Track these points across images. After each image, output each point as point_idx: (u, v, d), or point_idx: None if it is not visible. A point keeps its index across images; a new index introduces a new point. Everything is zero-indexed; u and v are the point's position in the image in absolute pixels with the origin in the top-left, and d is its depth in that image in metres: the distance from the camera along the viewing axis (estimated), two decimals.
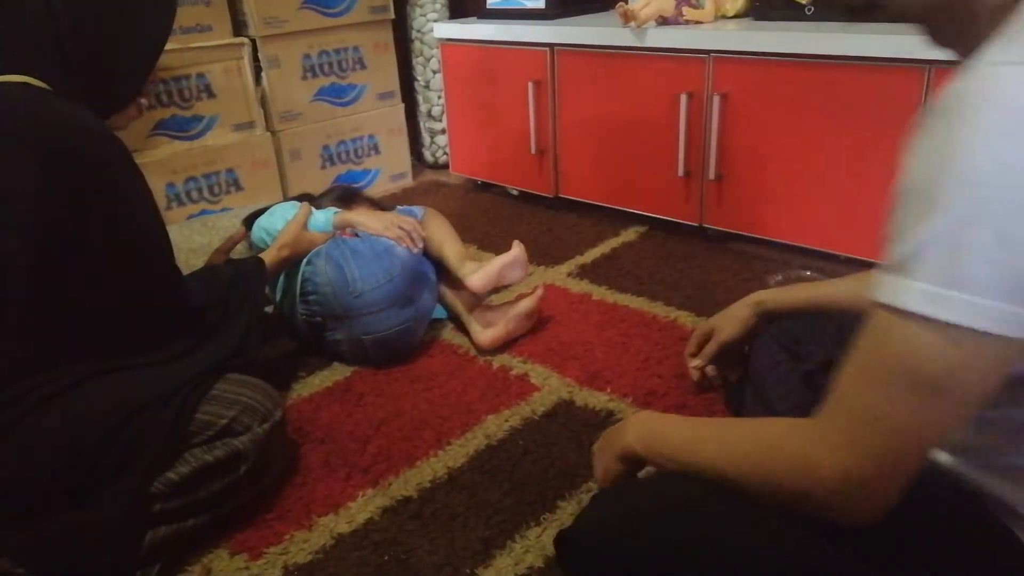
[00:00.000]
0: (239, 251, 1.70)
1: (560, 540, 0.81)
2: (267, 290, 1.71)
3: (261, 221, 1.65)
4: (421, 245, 1.59)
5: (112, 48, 1.11)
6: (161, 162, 2.13)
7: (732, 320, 1.26)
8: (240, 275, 1.37)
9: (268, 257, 1.45)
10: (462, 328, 1.67)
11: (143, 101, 1.24)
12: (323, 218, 1.61)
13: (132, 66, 1.16)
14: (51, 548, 1.01)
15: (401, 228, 1.58)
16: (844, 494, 0.59)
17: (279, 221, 1.59)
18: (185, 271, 1.88)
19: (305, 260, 1.53)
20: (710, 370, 1.32)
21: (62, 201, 1.01)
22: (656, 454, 0.78)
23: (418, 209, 1.75)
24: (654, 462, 0.79)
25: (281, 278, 1.59)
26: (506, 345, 1.61)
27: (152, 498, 1.05)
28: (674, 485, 0.75)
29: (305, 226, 1.55)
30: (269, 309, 1.68)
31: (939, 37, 0.65)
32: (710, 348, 1.30)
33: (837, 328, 1.13)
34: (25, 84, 1.05)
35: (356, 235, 1.58)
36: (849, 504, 0.59)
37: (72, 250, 1.03)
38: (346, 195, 1.83)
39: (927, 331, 0.54)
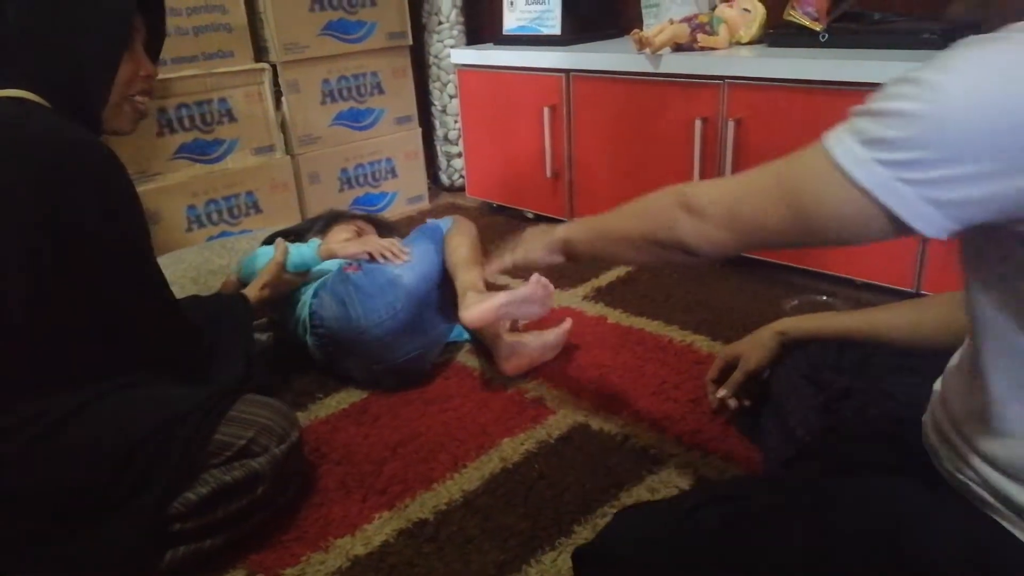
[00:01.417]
0: None
1: (578, 556, 0.82)
2: (275, 317, 1.72)
3: (246, 263, 1.69)
4: (406, 258, 1.60)
5: (72, 39, 1.10)
6: (182, 184, 2.16)
7: (758, 349, 1.26)
8: (225, 307, 1.39)
9: (251, 295, 1.49)
10: (482, 350, 1.68)
11: (139, 99, 1.21)
12: (309, 251, 1.61)
13: (97, 55, 1.13)
14: (70, 566, 1.02)
15: (380, 246, 1.60)
16: (705, 216, 0.75)
17: (261, 261, 1.63)
18: (204, 292, 1.91)
19: (312, 292, 1.56)
20: (733, 403, 1.32)
21: (52, 216, 1.01)
22: (587, 233, 1.00)
23: (443, 221, 1.76)
24: (584, 242, 1.01)
25: (296, 308, 1.60)
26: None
27: (171, 518, 1.06)
28: (698, 508, 0.76)
29: (284, 266, 1.56)
30: (262, 336, 1.72)
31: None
32: (736, 378, 1.30)
33: (861, 359, 1.13)
34: (19, 100, 1.06)
35: (359, 267, 1.58)
36: (707, 225, 0.75)
37: (64, 264, 1.03)
38: (332, 219, 1.86)
39: (829, 168, 0.64)
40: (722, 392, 1.33)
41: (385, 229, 1.91)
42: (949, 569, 0.66)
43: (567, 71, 2.22)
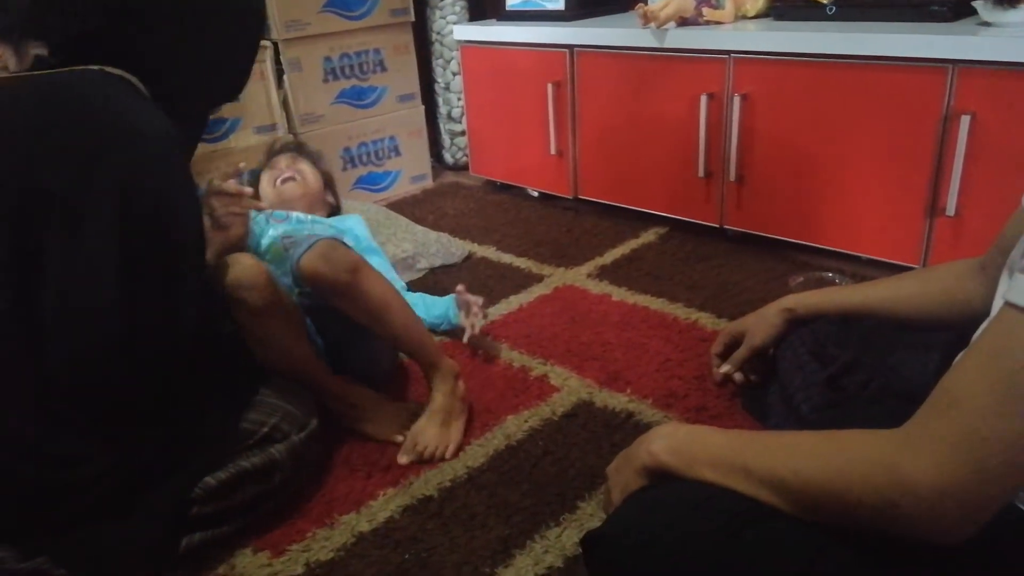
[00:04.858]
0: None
1: (587, 541, 0.80)
2: None
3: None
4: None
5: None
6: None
7: (765, 327, 1.26)
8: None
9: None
10: (485, 330, 1.67)
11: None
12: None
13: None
14: (92, 552, 1.01)
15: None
16: (938, 508, 0.55)
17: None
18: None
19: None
20: (738, 376, 1.32)
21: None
22: (693, 462, 0.73)
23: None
24: (688, 472, 0.74)
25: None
26: (526, 346, 1.62)
27: (190, 502, 1.07)
28: (718, 492, 0.72)
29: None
30: None
31: None
32: (741, 354, 1.30)
33: (866, 332, 1.12)
34: (101, 73, 1.00)
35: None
36: (941, 519, 0.56)
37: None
38: (261, 170, 1.82)
39: None
40: (726, 368, 1.33)
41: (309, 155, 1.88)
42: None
43: (571, 47, 2.20)
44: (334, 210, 1.86)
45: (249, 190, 1.34)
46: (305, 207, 1.72)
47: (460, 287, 1.65)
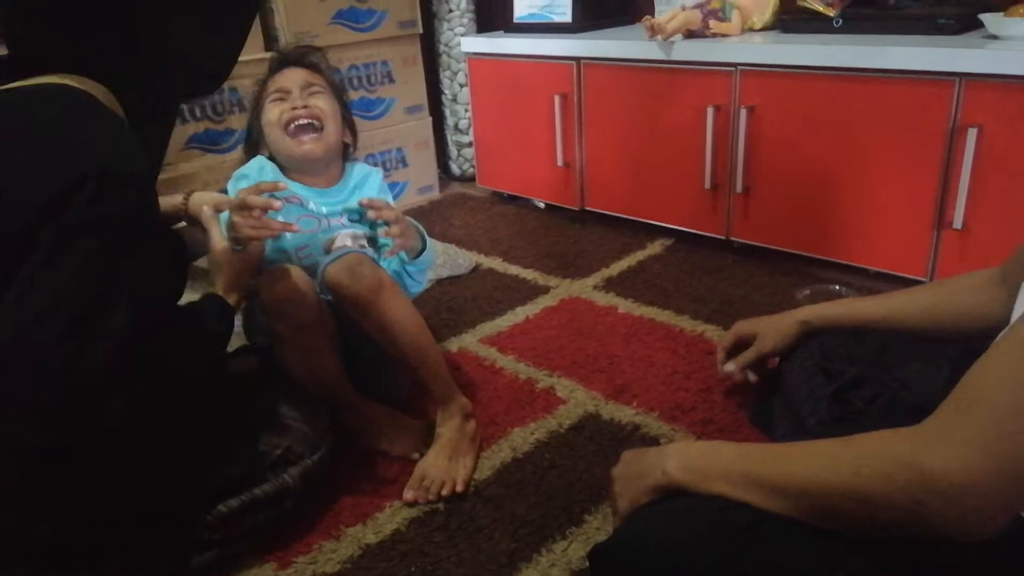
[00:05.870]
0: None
1: (595, 554, 0.80)
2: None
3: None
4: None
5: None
6: (195, 175, 2.17)
7: (778, 335, 1.25)
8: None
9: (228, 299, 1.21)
10: (494, 341, 1.67)
11: None
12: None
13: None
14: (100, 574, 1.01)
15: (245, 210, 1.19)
16: (962, 505, 0.54)
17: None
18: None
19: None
20: (740, 376, 1.32)
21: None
22: (706, 476, 0.72)
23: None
24: (702, 488, 0.73)
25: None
26: (532, 358, 1.62)
27: (201, 528, 1.06)
28: (728, 505, 0.72)
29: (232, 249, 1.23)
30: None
31: None
32: (749, 356, 1.30)
33: (876, 345, 1.12)
34: (65, 90, 0.90)
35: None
36: (965, 517, 0.55)
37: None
38: (260, 92, 1.48)
39: None
40: (731, 366, 1.32)
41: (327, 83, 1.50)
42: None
43: (578, 59, 2.21)
44: (347, 151, 1.60)
45: (278, 204, 1.20)
46: (322, 166, 1.47)
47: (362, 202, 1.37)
